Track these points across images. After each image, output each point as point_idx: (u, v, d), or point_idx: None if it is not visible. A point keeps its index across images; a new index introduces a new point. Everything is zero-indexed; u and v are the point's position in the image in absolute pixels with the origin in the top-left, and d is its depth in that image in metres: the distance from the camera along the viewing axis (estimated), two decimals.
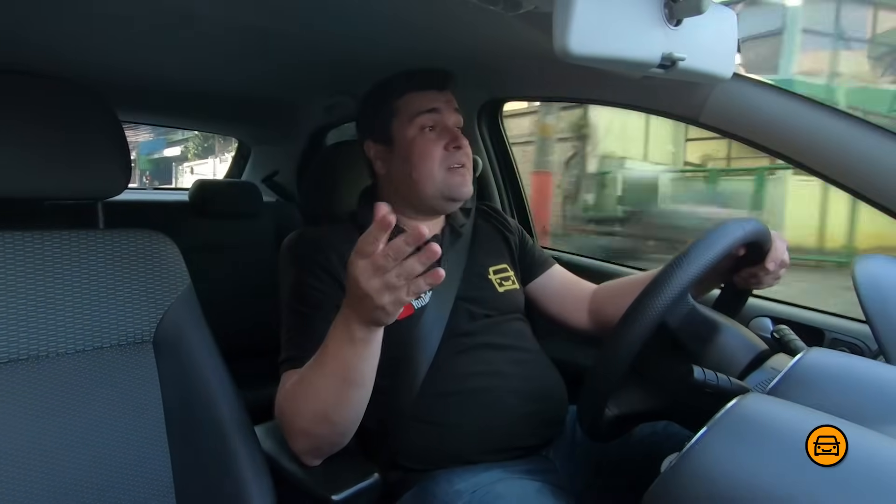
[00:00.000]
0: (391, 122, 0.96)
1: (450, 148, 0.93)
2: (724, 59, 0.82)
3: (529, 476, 0.85)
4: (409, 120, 0.94)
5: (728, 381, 0.66)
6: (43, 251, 0.74)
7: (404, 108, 0.95)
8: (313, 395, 0.73)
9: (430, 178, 0.93)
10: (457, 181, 0.94)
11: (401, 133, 0.95)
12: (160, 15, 0.98)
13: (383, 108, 0.97)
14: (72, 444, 0.71)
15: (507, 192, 1.51)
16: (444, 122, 0.95)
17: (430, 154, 0.92)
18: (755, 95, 0.92)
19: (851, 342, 0.97)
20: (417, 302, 0.90)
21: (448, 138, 0.94)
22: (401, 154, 0.95)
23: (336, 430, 0.76)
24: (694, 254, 0.70)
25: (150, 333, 0.79)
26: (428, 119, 0.94)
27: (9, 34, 1.07)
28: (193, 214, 1.85)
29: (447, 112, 0.95)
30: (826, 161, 0.87)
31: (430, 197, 0.94)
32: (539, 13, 0.82)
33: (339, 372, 0.70)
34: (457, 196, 0.95)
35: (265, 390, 0.89)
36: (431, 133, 0.94)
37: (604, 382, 0.71)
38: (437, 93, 0.96)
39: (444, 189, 0.94)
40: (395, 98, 0.96)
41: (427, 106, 0.94)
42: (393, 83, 0.98)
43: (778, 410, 0.53)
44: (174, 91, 1.64)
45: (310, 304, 0.87)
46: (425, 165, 0.93)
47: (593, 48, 0.64)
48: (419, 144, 0.93)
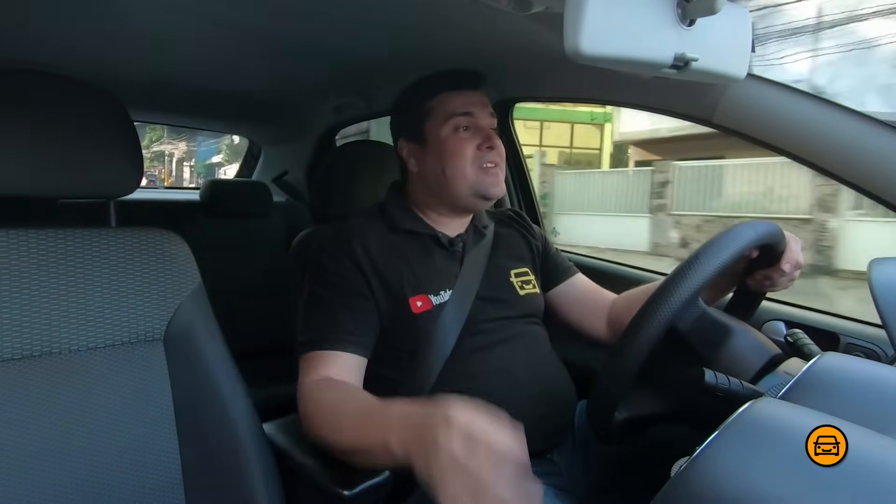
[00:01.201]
0: (425, 122, 0.97)
1: (483, 148, 0.94)
2: (738, 59, 0.81)
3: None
4: (444, 120, 0.95)
5: (740, 385, 0.65)
6: (56, 249, 0.75)
7: (438, 108, 0.96)
8: (335, 436, 0.76)
9: (462, 176, 0.94)
10: (490, 180, 0.94)
11: (434, 132, 0.96)
12: (173, 16, 0.99)
13: (417, 108, 0.98)
14: (83, 439, 0.72)
15: (518, 194, 1.51)
16: (478, 123, 0.95)
17: (463, 153, 0.93)
18: (770, 95, 0.91)
19: (867, 347, 0.96)
20: (437, 298, 0.91)
21: (481, 138, 0.94)
22: (434, 152, 0.96)
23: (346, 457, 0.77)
24: (704, 258, 0.69)
25: (160, 331, 0.80)
26: (462, 120, 0.95)
27: (23, 34, 1.08)
28: (204, 214, 1.86)
29: (481, 114, 0.96)
30: (843, 163, 0.85)
31: (462, 195, 0.95)
32: (549, 13, 0.81)
33: (363, 447, 0.70)
34: (489, 194, 0.95)
35: (275, 388, 0.90)
36: (465, 133, 0.95)
37: (613, 386, 0.70)
38: (472, 93, 0.97)
39: (477, 187, 0.94)
40: (428, 98, 0.97)
41: (462, 109, 0.95)
42: (426, 84, 0.99)
43: (789, 414, 0.52)
44: (186, 91, 1.66)
45: (331, 288, 0.88)
46: (458, 164, 0.93)
47: (604, 48, 0.63)
48: (452, 143, 0.94)
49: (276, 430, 0.86)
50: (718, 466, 0.48)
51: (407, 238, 0.95)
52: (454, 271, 0.95)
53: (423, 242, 0.96)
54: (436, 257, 0.96)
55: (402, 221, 0.97)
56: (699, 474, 0.48)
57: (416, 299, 0.90)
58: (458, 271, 0.95)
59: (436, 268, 0.94)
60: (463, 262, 0.97)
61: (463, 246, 0.99)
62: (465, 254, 0.98)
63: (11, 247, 0.71)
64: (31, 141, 0.74)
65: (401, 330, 0.89)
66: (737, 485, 0.46)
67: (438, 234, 0.97)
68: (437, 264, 0.95)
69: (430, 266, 0.94)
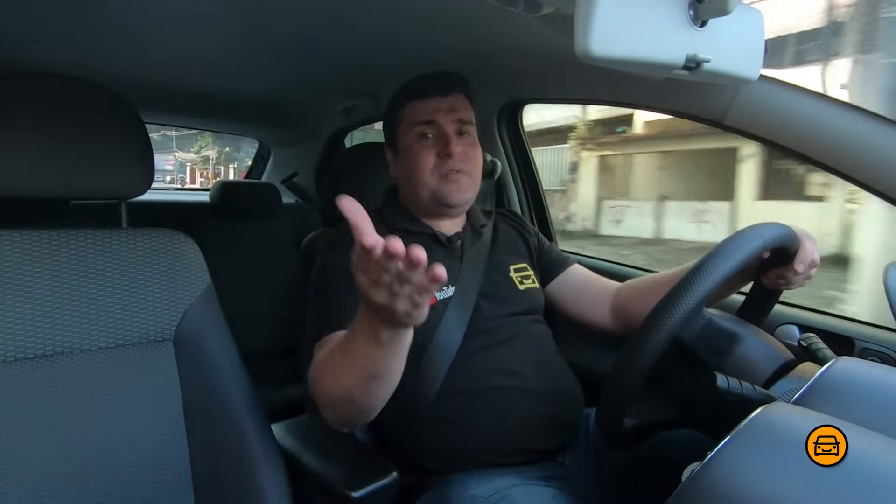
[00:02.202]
0: (397, 130, 0.99)
1: (442, 155, 0.94)
2: (750, 60, 0.80)
3: (545, 482, 0.84)
4: (408, 129, 0.96)
5: (752, 390, 0.65)
6: (69, 250, 0.75)
7: (406, 116, 0.97)
8: (339, 379, 0.73)
9: (422, 185, 0.95)
10: (449, 188, 0.95)
11: (403, 140, 0.97)
12: (183, 19, 1.00)
13: (392, 116, 1.00)
14: (93, 438, 0.73)
15: (527, 194, 1.50)
16: (440, 130, 0.95)
17: (423, 162, 0.95)
18: (783, 97, 0.89)
19: (882, 352, 0.94)
20: (439, 293, 0.92)
21: (440, 146, 0.95)
22: (402, 160, 0.98)
23: (361, 410, 0.76)
24: (708, 267, 0.68)
25: (170, 332, 0.80)
26: (425, 128, 0.95)
27: (35, 38, 1.10)
28: (214, 215, 1.87)
29: (445, 120, 0.95)
30: (858, 165, 0.84)
31: (424, 202, 0.97)
32: (560, 14, 0.81)
33: (365, 367, 0.70)
34: (448, 202, 0.96)
35: (283, 389, 0.90)
36: (427, 141, 0.95)
37: (621, 393, 0.69)
38: (440, 99, 0.96)
39: (437, 195, 0.95)
40: (399, 107, 0.98)
41: (424, 117, 0.95)
42: (401, 91, 1.00)
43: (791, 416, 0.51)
44: (196, 93, 1.67)
45: (337, 281, 0.88)
46: (417, 173, 0.95)
47: (615, 50, 0.63)
48: (414, 152, 0.95)
49: (284, 432, 0.87)
50: (730, 471, 0.47)
51: (406, 237, 0.95)
52: (455, 268, 0.96)
53: (421, 241, 0.95)
54: (435, 254, 0.96)
55: (399, 222, 0.98)
56: (711, 479, 0.48)
57: None
58: (459, 268, 0.96)
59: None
60: (463, 259, 0.98)
61: (462, 243, 1.00)
62: (464, 251, 0.99)
63: (24, 247, 0.72)
64: (44, 143, 0.75)
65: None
66: (750, 490, 0.46)
67: (437, 232, 0.98)
68: (437, 261, 0.95)
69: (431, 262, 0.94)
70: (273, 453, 0.80)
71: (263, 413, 0.82)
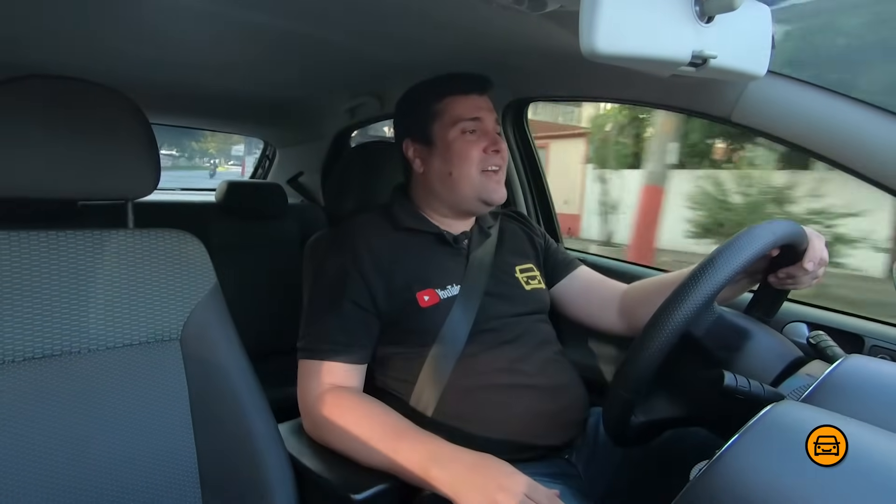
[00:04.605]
0: (432, 124, 0.98)
1: (489, 151, 0.96)
2: (757, 56, 0.79)
3: (551, 480, 0.84)
4: (452, 124, 0.96)
5: (761, 388, 0.64)
6: (76, 250, 0.76)
7: (446, 111, 0.97)
8: (353, 444, 0.80)
9: (467, 179, 0.95)
10: (492, 186, 0.96)
11: (441, 135, 0.97)
12: (188, 19, 1.00)
13: (424, 109, 0.99)
14: (100, 438, 0.73)
15: (532, 194, 1.50)
16: (484, 127, 0.97)
17: (469, 156, 0.95)
18: (791, 93, 0.89)
19: (893, 349, 0.93)
20: (445, 292, 0.92)
21: (487, 141, 0.96)
22: (440, 155, 0.97)
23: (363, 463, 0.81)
24: (718, 262, 0.67)
25: (177, 331, 0.80)
26: (470, 125, 0.96)
27: (41, 39, 1.10)
28: (220, 215, 1.88)
29: (487, 118, 0.98)
30: (868, 162, 0.83)
31: (466, 198, 0.97)
32: (564, 12, 0.80)
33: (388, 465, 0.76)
34: (490, 200, 0.97)
35: (289, 389, 0.90)
36: (472, 136, 0.96)
37: (628, 391, 0.69)
38: (478, 97, 0.98)
39: (480, 191, 0.96)
40: (436, 101, 0.98)
41: (469, 114, 0.96)
42: (434, 86, 1.00)
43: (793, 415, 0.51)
44: (201, 93, 1.68)
45: (331, 291, 0.90)
46: (464, 167, 0.95)
47: (621, 47, 0.63)
48: (459, 146, 0.96)
49: (287, 432, 0.87)
50: (739, 470, 0.47)
51: (412, 236, 0.97)
52: (460, 267, 0.96)
53: (428, 240, 0.98)
54: (441, 254, 0.97)
55: (406, 220, 0.98)
56: (720, 477, 0.47)
57: (423, 294, 0.91)
58: (465, 267, 0.96)
59: (442, 264, 0.96)
60: (468, 258, 0.98)
61: (468, 243, 1.00)
62: (470, 251, 0.99)
63: (31, 248, 0.73)
64: (50, 144, 0.75)
65: (411, 326, 0.90)
66: (759, 488, 0.45)
67: (443, 232, 0.99)
68: (443, 260, 0.96)
69: (436, 262, 0.95)
70: (280, 451, 0.80)
71: (269, 412, 0.82)
